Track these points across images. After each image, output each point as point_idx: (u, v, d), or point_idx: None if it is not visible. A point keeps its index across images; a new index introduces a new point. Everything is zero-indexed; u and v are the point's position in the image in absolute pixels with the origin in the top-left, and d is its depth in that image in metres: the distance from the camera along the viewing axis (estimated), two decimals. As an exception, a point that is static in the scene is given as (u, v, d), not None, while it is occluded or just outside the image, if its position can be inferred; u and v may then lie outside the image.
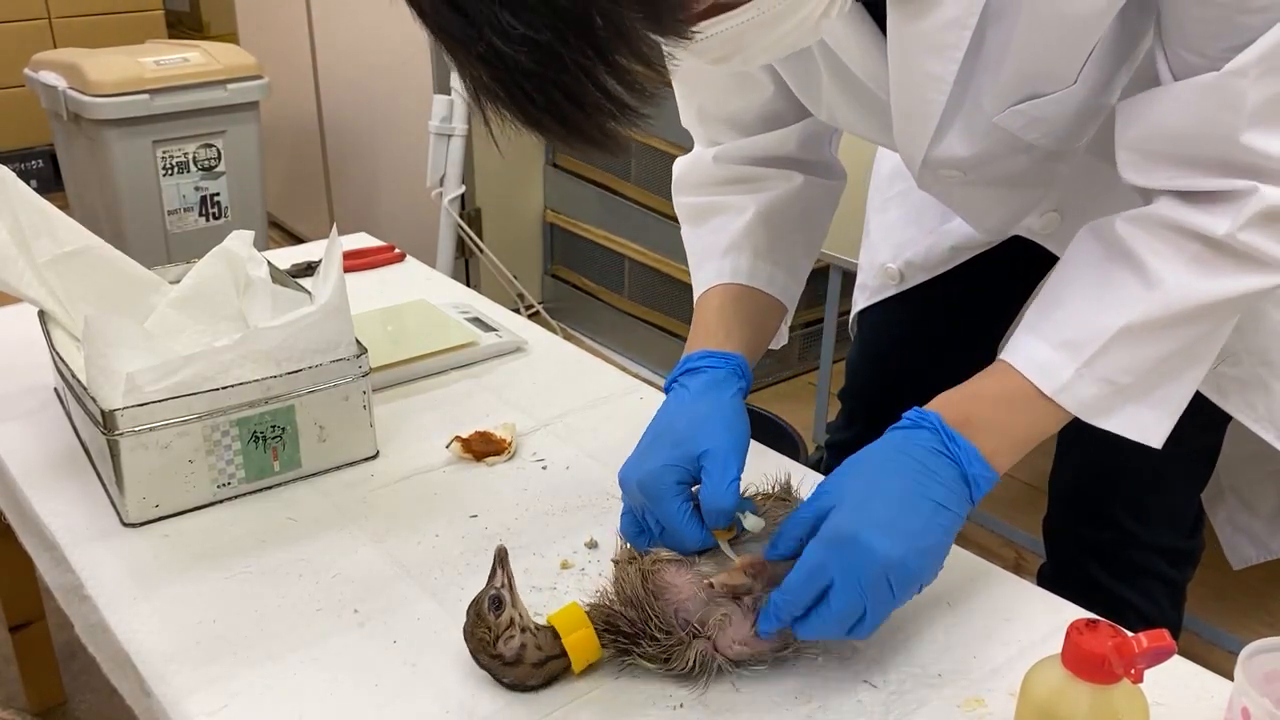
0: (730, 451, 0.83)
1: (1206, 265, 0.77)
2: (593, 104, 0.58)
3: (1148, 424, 0.82)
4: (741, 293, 1.00)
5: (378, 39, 2.96)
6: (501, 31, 0.54)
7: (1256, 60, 0.69)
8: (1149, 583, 1.12)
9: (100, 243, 1.20)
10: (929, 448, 0.78)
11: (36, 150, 3.64)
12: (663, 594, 0.79)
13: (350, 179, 3.34)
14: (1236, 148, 0.73)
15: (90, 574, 0.92)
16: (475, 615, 0.78)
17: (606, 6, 0.54)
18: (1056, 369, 0.80)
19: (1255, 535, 1.60)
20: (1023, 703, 0.68)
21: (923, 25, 0.76)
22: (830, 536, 0.75)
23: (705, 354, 0.93)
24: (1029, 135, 0.84)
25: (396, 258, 1.67)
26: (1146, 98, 0.78)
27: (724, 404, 0.88)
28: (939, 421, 0.79)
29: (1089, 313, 0.80)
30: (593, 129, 0.59)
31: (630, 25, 0.55)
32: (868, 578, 0.74)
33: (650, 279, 2.82)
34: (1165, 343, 0.79)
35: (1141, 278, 0.78)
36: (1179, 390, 0.82)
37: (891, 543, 0.74)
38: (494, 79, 0.57)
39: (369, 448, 1.11)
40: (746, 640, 0.78)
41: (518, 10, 0.53)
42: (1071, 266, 0.84)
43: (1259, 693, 0.66)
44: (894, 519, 0.75)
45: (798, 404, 2.68)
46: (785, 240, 1.03)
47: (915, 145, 0.87)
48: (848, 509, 0.76)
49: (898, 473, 0.77)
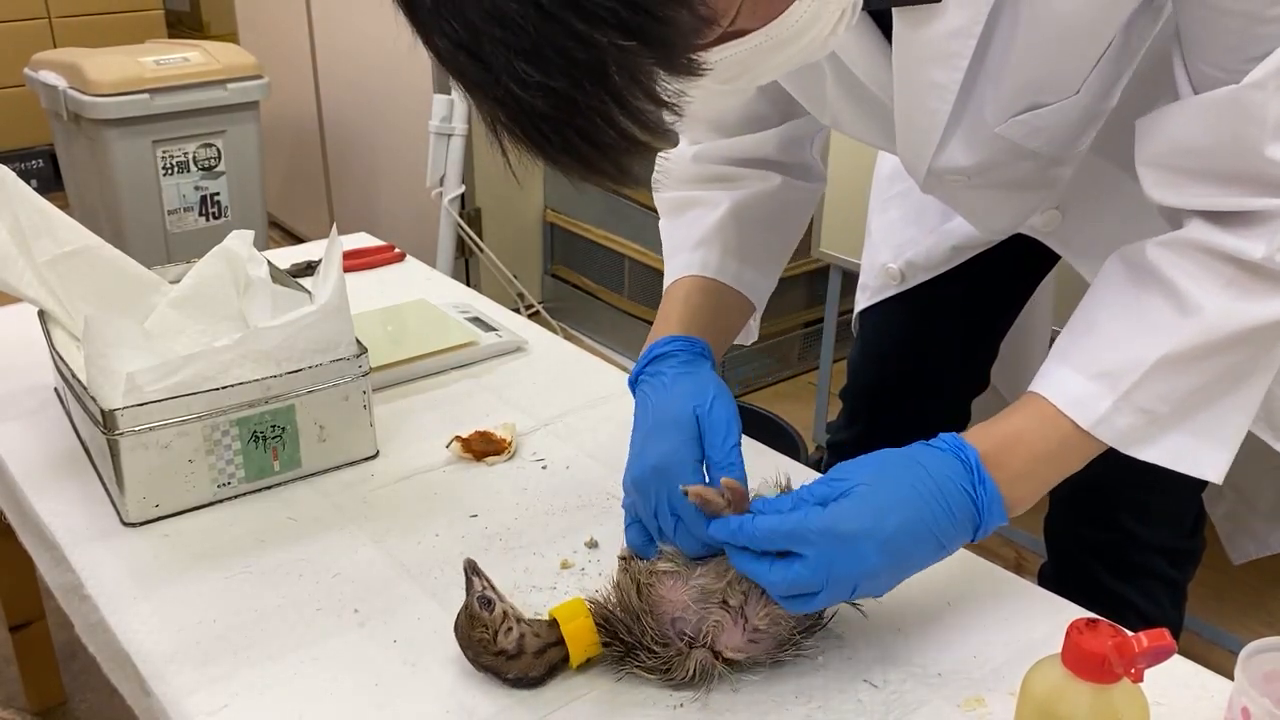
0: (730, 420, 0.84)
1: (1244, 289, 0.74)
2: (609, 144, 0.59)
3: (1193, 453, 0.80)
4: (707, 285, 1.01)
5: (378, 39, 2.96)
6: (518, 79, 0.55)
7: (1276, 72, 0.68)
8: (1150, 582, 1.12)
9: (100, 243, 1.20)
10: (958, 485, 0.77)
11: (36, 150, 3.64)
12: (658, 608, 0.79)
13: (350, 179, 3.34)
14: (1262, 161, 0.71)
15: (90, 574, 0.92)
16: (468, 620, 0.79)
17: (619, 55, 0.55)
18: (1093, 401, 0.78)
19: (1254, 531, 1.60)
20: (1023, 702, 0.68)
21: (928, 34, 0.76)
22: (833, 523, 0.74)
23: (670, 339, 0.93)
24: (1031, 144, 0.83)
25: (396, 258, 1.67)
26: (1166, 113, 0.76)
27: (705, 378, 0.89)
28: (976, 461, 0.77)
29: (1124, 342, 0.78)
30: (609, 166, 0.61)
31: (643, 70, 0.56)
32: (840, 574, 0.74)
33: (650, 279, 2.82)
34: (1206, 370, 0.77)
35: (1177, 304, 0.76)
36: (1226, 417, 0.79)
37: (880, 560, 0.74)
38: (511, 120, 0.58)
39: (369, 448, 1.11)
40: (742, 646, 0.78)
41: (533, 60, 0.54)
42: (1103, 293, 0.82)
43: (1259, 692, 0.66)
44: (897, 541, 0.75)
45: (798, 404, 2.68)
46: (756, 238, 1.03)
47: (919, 154, 0.87)
48: (862, 509, 0.75)
49: (920, 498, 0.76)
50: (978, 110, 0.81)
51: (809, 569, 0.74)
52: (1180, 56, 0.76)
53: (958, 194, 0.98)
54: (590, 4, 0.53)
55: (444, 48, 0.57)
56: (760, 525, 0.76)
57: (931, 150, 0.85)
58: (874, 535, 0.74)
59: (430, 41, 0.58)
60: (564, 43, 0.54)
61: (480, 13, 0.54)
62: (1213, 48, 0.72)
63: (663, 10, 0.55)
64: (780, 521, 0.75)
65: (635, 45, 0.55)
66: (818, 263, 2.23)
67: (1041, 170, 0.90)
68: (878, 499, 0.76)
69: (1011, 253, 1.10)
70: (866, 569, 0.74)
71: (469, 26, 0.55)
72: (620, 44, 0.54)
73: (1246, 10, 0.68)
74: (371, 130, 3.15)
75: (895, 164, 1.21)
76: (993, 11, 0.74)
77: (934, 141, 0.84)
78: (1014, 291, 1.23)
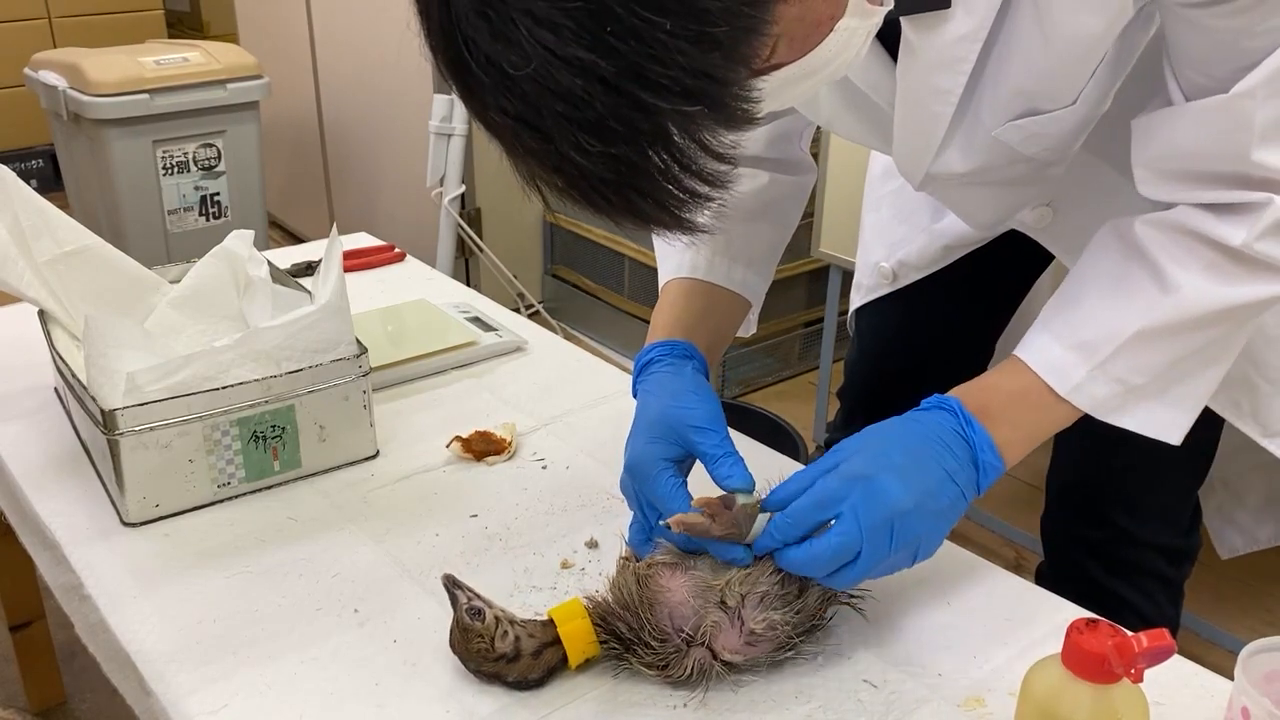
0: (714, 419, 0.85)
1: (1222, 272, 0.78)
2: (671, 201, 0.60)
3: (1164, 421, 0.84)
4: (697, 287, 1.01)
5: (378, 39, 2.96)
6: (580, 149, 0.56)
7: (1263, 82, 0.71)
8: (1147, 581, 1.12)
9: (100, 242, 1.20)
10: (947, 427, 0.80)
11: (36, 150, 3.64)
12: (656, 600, 0.79)
13: (350, 179, 3.34)
14: (1248, 164, 0.75)
15: (90, 573, 0.92)
16: (462, 634, 0.79)
17: (681, 119, 0.56)
18: (1069, 369, 0.81)
19: (1243, 526, 1.61)
20: (1023, 702, 0.68)
21: (936, 39, 0.77)
22: (846, 472, 0.77)
23: (654, 345, 0.95)
24: (1028, 150, 0.85)
25: (396, 257, 1.67)
26: (1160, 118, 0.79)
27: (684, 379, 0.90)
28: (959, 406, 0.81)
29: (1104, 314, 0.81)
30: (670, 220, 0.62)
31: (703, 130, 0.57)
32: (875, 518, 0.75)
33: (650, 279, 2.82)
34: (1179, 346, 0.81)
35: (1158, 282, 0.80)
36: (1195, 389, 0.84)
37: (905, 490, 0.76)
38: (569, 185, 0.59)
39: (369, 447, 1.11)
40: (739, 649, 0.79)
41: (596, 131, 0.55)
42: (1090, 265, 0.85)
43: (1259, 692, 0.67)
44: (910, 472, 0.77)
45: (798, 404, 2.68)
46: (746, 235, 1.03)
47: (917, 159, 0.88)
48: (866, 455, 0.78)
49: (916, 438, 0.80)
50: (975, 115, 0.83)
51: (844, 524, 0.75)
52: (1170, 65, 0.78)
53: (950, 192, 0.98)
54: (654, 74, 0.53)
55: (501, 122, 0.57)
56: (789, 514, 0.77)
57: (930, 155, 0.86)
58: (887, 465, 0.76)
59: (485, 115, 0.58)
60: (628, 114, 0.55)
61: (540, 89, 0.54)
62: (1201, 59, 0.75)
63: (723, 73, 0.55)
64: (807, 497, 0.77)
65: (699, 110, 0.56)
66: (817, 263, 2.23)
67: (1035, 171, 0.91)
68: (873, 444, 0.79)
69: (1005, 251, 1.10)
70: (895, 501, 0.76)
71: (528, 102, 0.55)
72: (684, 110, 0.55)
73: (1233, 27, 0.71)
74: (371, 130, 3.15)
75: (886, 163, 1.21)
76: (996, 18, 0.75)
77: (933, 147, 0.85)
78: (1008, 290, 1.23)
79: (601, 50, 0.53)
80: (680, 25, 0.53)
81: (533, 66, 0.53)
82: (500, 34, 0.54)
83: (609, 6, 0.52)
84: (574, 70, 0.53)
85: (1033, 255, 1.09)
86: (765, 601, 0.78)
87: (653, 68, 0.53)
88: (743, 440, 1.06)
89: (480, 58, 0.55)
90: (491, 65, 0.55)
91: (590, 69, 0.53)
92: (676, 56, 0.53)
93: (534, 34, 0.53)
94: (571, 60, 0.53)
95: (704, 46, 0.54)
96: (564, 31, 0.53)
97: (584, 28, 0.53)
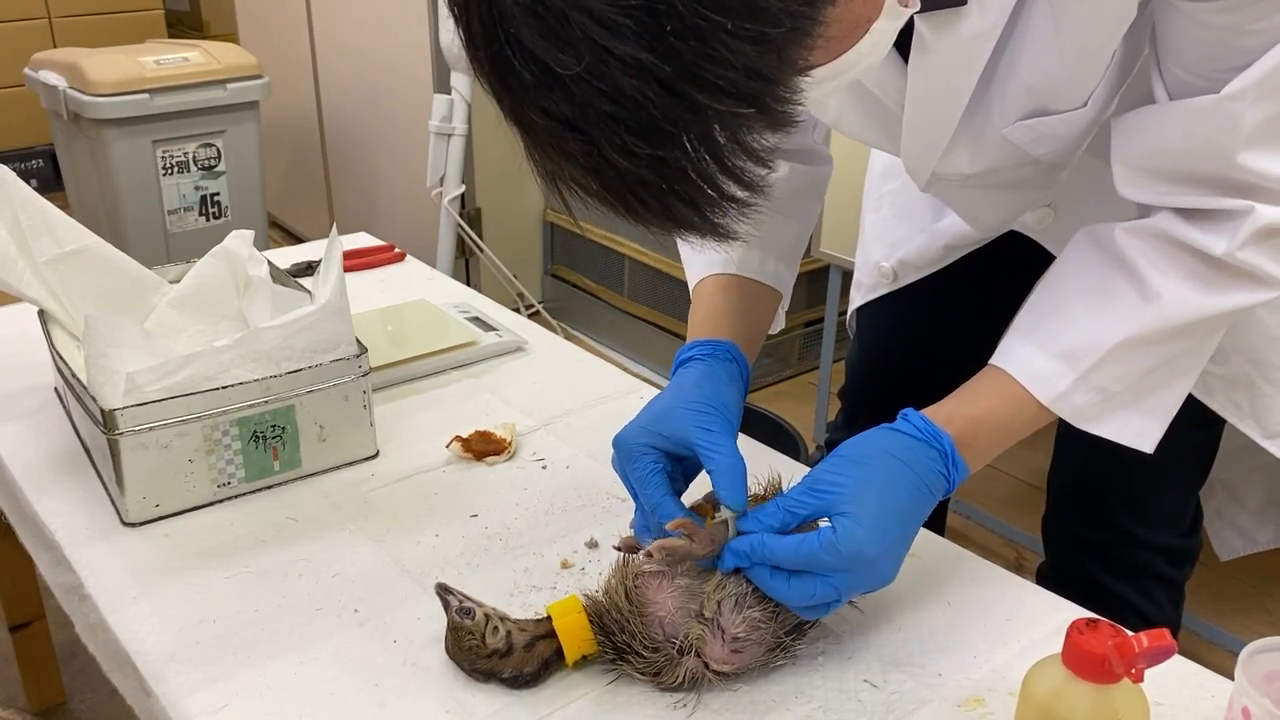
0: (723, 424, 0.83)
1: (1204, 281, 0.78)
2: (710, 204, 0.59)
3: (1136, 429, 0.84)
4: (732, 282, 1.01)
5: (378, 39, 2.96)
6: (625, 151, 0.55)
7: (1255, 83, 0.71)
8: (1147, 581, 1.12)
9: (100, 242, 1.20)
10: (935, 471, 0.79)
11: (36, 150, 3.64)
12: (644, 609, 0.79)
13: (350, 179, 3.34)
14: (1232, 167, 0.74)
15: (90, 573, 0.92)
16: (455, 635, 0.79)
17: (729, 120, 0.55)
18: (1054, 379, 0.81)
19: (1243, 528, 1.61)
20: (1023, 703, 0.68)
21: (951, 37, 0.77)
22: (850, 553, 0.74)
23: (694, 343, 0.94)
24: (1036, 151, 0.85)
25: (396, 257, 1.67)
26: (1143, 116, 0.79)
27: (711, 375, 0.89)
28: (951, 449, 0.79)
29: (1087, 323, 0.81)
30: (704, 225, 0.61)
31: (749, 132, 0.57)
32: (858, 588, 0.77)
33: (650, 279, 2.82)
34: (1159, 354, 0.81)
35: (1140, 291, 0.80)
36: (1169, 397, 0.84)
37: (891, 566, 0.77)
38: (605, 188, 0.58)
39: (369, 447, 1.11)
40: (726, 658, 0.78)
41: (644, 133, 0.54)
42: (1069, 273, 0.85)
43: (1259, 693, 0.66)
44: (899, 547, 0.77)
45: (798, 404, 2.68)
46: (773, 227, 1.03)
47: (925, 158, 0.88)
48: (864, 527, 0.74)
49: (904, 489, 0.77)
50: (984, 115, 0.82)
51: (829, 587, 0.75)
52: (1156, 61, 0.78)
53: (953, 194, 0.98)
54: (711, 75, 0.53)
55: (542, 123, 0.56)
56: (782, 548, 0.76)
57: (938, 155, 0.86)
58: (885, 551, 0.76)
59: (522, 116, 0.56)
60: (680, 115, 0.53)
61: (590, 89, 0.53)
62: (1191, 56, 0.74)
63: (775, 74, 0.55)
64: (800, 548, 0.75)
65: (752, 112, 0.55)
66: (818, 263, 2.23)
67: (1042, 174, 0.91)
68: (868, 502, 0.76)
69: (1003, 252, 1.10)
70: (880, 578, 0.77)
71: (575, 102, 0.54)
72: (738, 111, 0.54)
73: (1228, 24, 0.70)
74: (371, 130, 3.15)
75: (888, 161, 1.21)
76: (1011, 15, 0.75)
77: (941, 147, 0.85)
78: (1008, 290, 1.23)
79: (661, 50, 0.52)
80: (740, 25, 0.52)
81: (583, 65, 0.52)
82: (551, 32, 0.52)
83: (671, 5, 0.51)
84: (629, 70, 0.52)
85: (1033, 256, 1.09)
86: (742, 603, 0.78)
87: (711, 69, 0.52)
88: (743, 440, 1.05)
89: (525, 56, 0.53)
90: (537, 63, 0.53)
91: (647, 69, 0.52)
92: (735, 57, 0.52)
93: (589, 32, 0.51)
94: (628, 60, 0.52)
95: (762, 47, 0.53)
96: (623, 30, 0.51)
97: (643, 27, 0.51)
